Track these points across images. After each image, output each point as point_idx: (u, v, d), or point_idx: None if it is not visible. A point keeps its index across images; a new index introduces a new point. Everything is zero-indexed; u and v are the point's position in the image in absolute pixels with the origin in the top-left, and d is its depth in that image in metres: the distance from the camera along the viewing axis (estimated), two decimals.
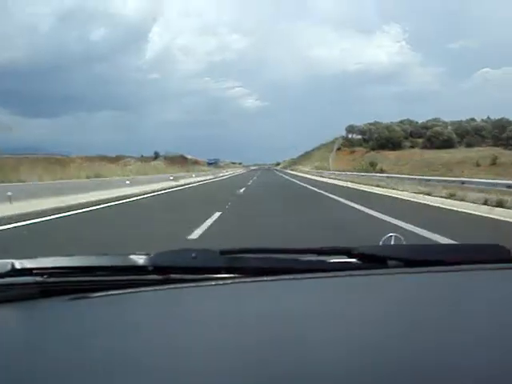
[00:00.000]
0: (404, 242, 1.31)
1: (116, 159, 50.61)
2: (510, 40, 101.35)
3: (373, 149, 76.10)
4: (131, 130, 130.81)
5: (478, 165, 49.29)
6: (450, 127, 76.43)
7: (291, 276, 0.97)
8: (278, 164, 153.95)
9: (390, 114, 79.92)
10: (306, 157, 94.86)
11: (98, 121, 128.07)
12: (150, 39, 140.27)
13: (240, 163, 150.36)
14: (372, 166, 47.12)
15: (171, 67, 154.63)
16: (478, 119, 79.78)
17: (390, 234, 1.33)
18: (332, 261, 1.07)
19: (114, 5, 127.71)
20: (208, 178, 38.52)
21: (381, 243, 1.30)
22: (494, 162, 49.53)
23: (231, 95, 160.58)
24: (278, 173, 66.39)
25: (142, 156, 76.11)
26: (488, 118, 78.72)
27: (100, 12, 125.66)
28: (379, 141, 76.78)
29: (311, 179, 34.96)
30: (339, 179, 29.04)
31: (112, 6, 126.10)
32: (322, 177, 36.12)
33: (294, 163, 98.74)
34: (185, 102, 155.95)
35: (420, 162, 55.52)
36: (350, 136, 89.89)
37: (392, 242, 1.31)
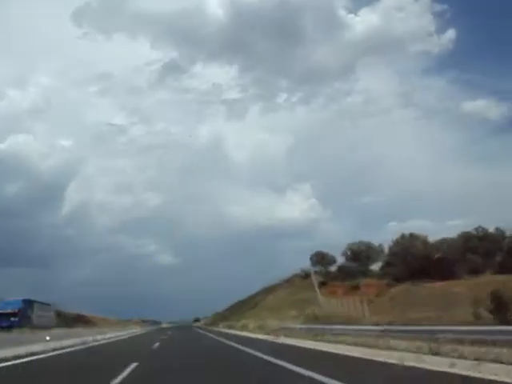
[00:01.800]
0: None
1: None
2: (414, 195, 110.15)
3: (396, 279, 47.39)
4: (41, 288, 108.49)
5: None
6: None
7: None
8: (197, 320, 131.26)
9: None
10: (242, 307, 64.38)
11: (5, 278, 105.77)
12: (66, 196, 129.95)
13: (154, 321, 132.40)
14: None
15: (86, 224, 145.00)
16: None
17: None
18: None
19: (31, 162, 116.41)
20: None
21: None
22: None
23: (145, 252, 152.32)
24: (202, 332, 43.71)
25: None
26: None
27: (16, 169, 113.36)
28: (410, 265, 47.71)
29: None
30: None
31: (29, 163, 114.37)
32: None
33: (223, 318, 68.55)
34: (99, 259, 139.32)
35: None
36: (318, 268, 63.52)
37: None
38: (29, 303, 44.23)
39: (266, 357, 11.39)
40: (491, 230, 51.91)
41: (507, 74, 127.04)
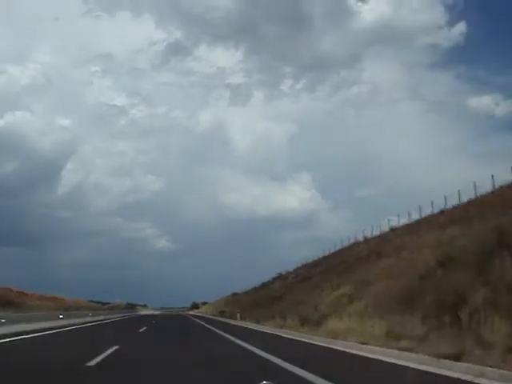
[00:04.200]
0: None
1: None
2: (416, 190, 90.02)
3: None
4: (33, 267, 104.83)
5: None
6: None
7: None
8: (194, 306, 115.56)
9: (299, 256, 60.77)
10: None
11: (4, 257, 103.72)
12: (63, 176, 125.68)
13: (145, 305, 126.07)
14: None
15: (83, 205, 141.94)
16: None
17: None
18: None
19: (27, 140, 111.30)
20: None
21: None
22: None
23: (142, 236, 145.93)
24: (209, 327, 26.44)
25: None
26: None
27: (12, 146, 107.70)
28: None
29: None
30: None
31: (25, 141, 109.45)
32: None
33: (253, 304, 38.99)
34: (94, 242, 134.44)
35: None
36: None
37: None
38: None
39: None
40: None
41: None
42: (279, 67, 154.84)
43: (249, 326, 25.09)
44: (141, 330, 21.95)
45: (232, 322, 31.33)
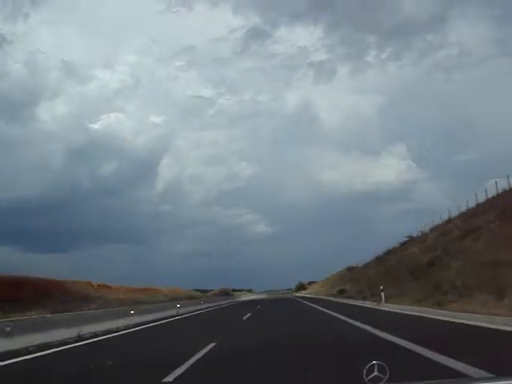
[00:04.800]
0: (387, 370, 1.48)
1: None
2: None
3: None
4: (141, 262, 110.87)
5: None
6: None
7: None
8: (301, 287, 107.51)
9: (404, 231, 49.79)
10: None
11: (108, 254, 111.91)
12: (160, 172, 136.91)
13: (250, 290, 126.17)
14: None
15: (181, 198, 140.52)
16: None
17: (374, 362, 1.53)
18: None
19: (124, 140, 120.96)
20: None
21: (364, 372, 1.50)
22: None
23: (241, 222, 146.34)
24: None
25: None
26: None
27: (110, 148, 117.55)
28: None
29: None
30: None
31: (122, 141, 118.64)
32: None
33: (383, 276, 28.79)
34: (195, 232, 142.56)
35: None
36: None
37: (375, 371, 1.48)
38: None
39: None
40: None
41: None
42: (362, 38, 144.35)
43: (435, 316, 14.01)
44: None
45: (374, 305, 20.74)
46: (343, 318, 15.11)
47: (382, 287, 19.81)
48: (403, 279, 23.02)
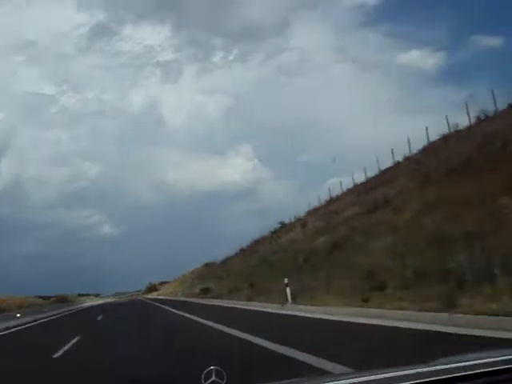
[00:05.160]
0: (225, 375, 1.39)
1: None
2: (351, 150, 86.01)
3: None
4: None
5: None
6: None
7: None
8: (152, 288, 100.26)
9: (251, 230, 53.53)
10: None
11: None
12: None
13: (97, 295, 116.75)
14: None
15: (22, 199, 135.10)
16: None
17: (211, 368, 1.42)
18: None
19: None
20: None
21: (202, 377, 1.40)
22: None
23: (87, 224, 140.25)
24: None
25: None
26: None
27: None
28: None
29: None
30: None
31: None
32: None
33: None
34: (38, 236, 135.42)
35: None
36: None
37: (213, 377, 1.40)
38: None
39: None
40: None
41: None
42: (209, 39, 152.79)
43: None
44: None
45: (277, 308, 14.57)
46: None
47: (286, 280, 14.18)
48: (297, 270, 18.03)
